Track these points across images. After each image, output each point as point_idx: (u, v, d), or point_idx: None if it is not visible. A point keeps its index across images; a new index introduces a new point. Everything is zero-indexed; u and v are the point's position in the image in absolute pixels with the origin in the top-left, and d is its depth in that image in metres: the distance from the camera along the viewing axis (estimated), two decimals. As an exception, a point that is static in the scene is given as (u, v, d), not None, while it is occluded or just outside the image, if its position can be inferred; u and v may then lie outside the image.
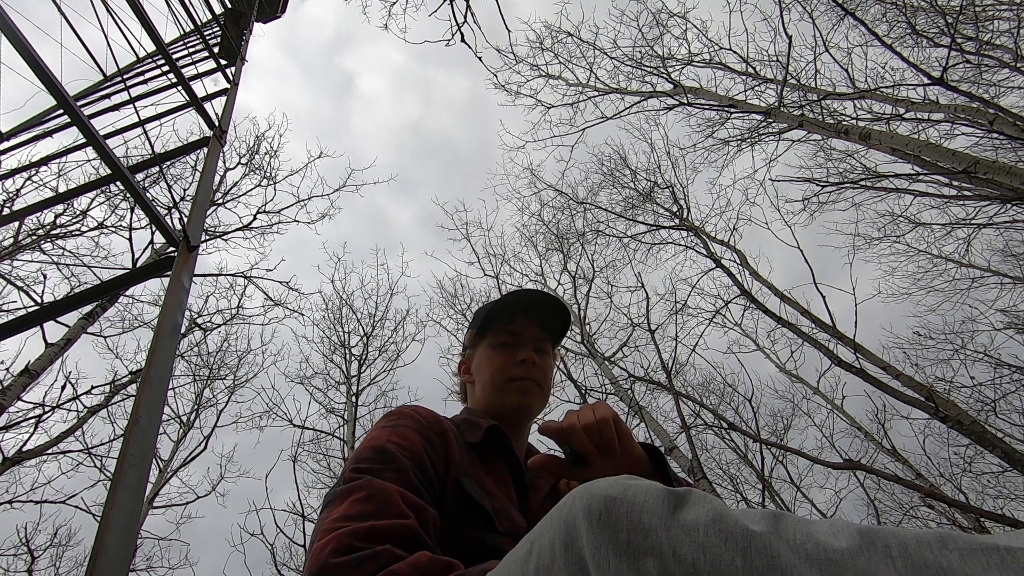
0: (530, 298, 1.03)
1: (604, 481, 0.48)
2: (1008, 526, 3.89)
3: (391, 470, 0.73)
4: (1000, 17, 5.76)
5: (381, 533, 0.63)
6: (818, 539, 0.38)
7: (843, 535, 0.38)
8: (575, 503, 0.47)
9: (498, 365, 1.00)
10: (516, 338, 1.02)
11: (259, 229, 7.56)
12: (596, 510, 0.45)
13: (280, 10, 6.20)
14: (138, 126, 2.43)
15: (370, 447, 0.77)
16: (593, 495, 0.46)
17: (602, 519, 0.44)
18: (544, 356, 1.04)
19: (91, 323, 5.27)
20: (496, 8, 4.53)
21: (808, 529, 0.39)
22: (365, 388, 8.06)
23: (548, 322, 1.05)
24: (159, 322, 1.36)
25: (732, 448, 8.08)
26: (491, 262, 9.16)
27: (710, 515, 0.42)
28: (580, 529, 0.45)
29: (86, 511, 5.64)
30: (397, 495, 0.69)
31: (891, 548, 0.36)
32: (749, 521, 0.41)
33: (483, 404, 1.01)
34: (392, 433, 0.80)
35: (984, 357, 6.45)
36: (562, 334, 1.08)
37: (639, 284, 7.52)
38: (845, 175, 7.29)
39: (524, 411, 0.99)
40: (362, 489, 0.69)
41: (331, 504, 0.69)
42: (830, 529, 0.39)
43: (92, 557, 0.89)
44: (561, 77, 8.45)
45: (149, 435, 1.12)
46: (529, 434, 1.05)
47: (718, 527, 0.40)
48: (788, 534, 0.39)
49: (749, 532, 0.39)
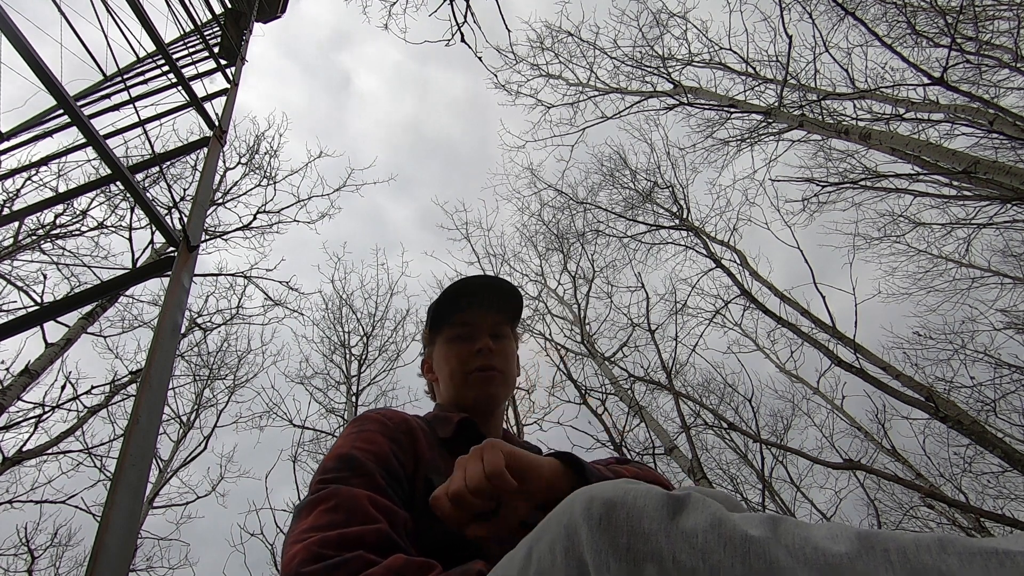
0: (476, 284, 1.01)
1: (605, 485, 0.48)
2: (1008, 526, 3.89)
3: (358, 476, 0.72)
4: (1000, 17, 5.76)
5: (351, 540, 0.62)
6: (817, 544, 0.38)
7: (842, 539, 0.38)
8: (574, 508, 0.47)
9: (456, 359, 0.99)
10: (470, 328, 1.00)
11: (259, 229, 7.57)
12: (596, 514, 0.45)
13: (280, 10, 6.20)
14: (138, 126, 2.43)
15: (335, 456, 0.76)
16: (593, 499, 0.46)
17: (603, 523, 0.44)
18: (502, 340, 1.02)
19: (91, 323, 5.27)
20: (496, 8, 4.53)
21: (807, 533, 0.39)
22: (365, 388, 8.07)
23: (501, 305, 1.03)
24: (159, 322, 1.36)
25: (732, 448, 8.09)
26: (491, 262, 9.17)
27: (709, 520, 0.42)
28: (581, 533, 0.45)
29: (86, 511, 5.64)
30: (365, 500, 0.68)
31: (890, 552, 0.36)
32: (748, 526, 0.41)
33: (449, 399, 1.00)
34: (356, 439, 0.79)
35: (984, 357, 6.46)
36: (518, 314, 1.07)
37: (639, 284, 7.51)
38: (845, 175, 7.29)
39: (490, 401, 0.98)
40: (329, 499, 0.68)
41: (299, 516, 0.69)
42: (829, 533, 0.39)
43: (92, 557, 0.89)
44: (561, 77, 8.46)
45: (149, 435, 1.12)
46: (502, 421, 1.05)
47: (717, 532, 0.41)
48: (787, 539, 0.39)
49: (748, 537, 0.40)
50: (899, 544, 0.36)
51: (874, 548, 0.36)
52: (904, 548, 0.36)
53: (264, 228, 7.61)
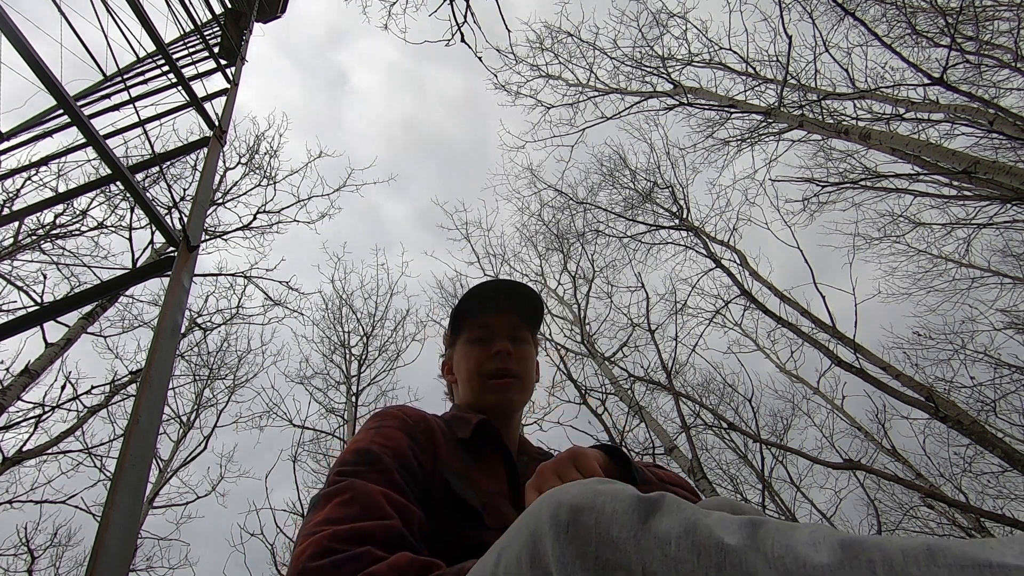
0: (497, 288, 1.02)
1: (572, 487, 0.46)
2: (1008, 526, 3.89)
3: (375, 471, 0.73)
4: (1000, 17, 5.76)
5: (362, 534, 0.62)
6: (797, 553, 0.36)
7: (824, 547, 0.36)
8: (541, 513, 0.45)
9: (474, 360, 0.99)
10: (489, 331, 1.01)
11: (259, 229, 7.57)
12: (564, 521, 0.43)
13: (280, 10, 6.20)
14: (138, 126, 2.43)
15: (354, 449, 0.77)
16: (560, 504, 0.44)
17: (569, 531, 0.42)
18: (521, 344, 1.02)
19: (91, 323, 5.27)
20: (496, 8, 4.53)
21: (788, 540, 0.37)
22: (365, 388, 8.06)
23: (521, 309, 1.03)
24: (159, 322, 1.36)
25: (732, 448, 8.09)
26: (491, 262, 9.17)
27: (683, 526, 0.40)
28: (546, 542, 0.43)
29: (86, 511, 5.64)
30: (380, 496, 0.69)
31: (875, 564, 0.34)
32: (724, 532, 0.39)
33: (467, 402, 1.00)
34: (376, 434, 0.80)
35: (984, 357, 6.46)
36: (538, 319, 1.07)
37: (639, 284, 7.52)
38: (845, 175, 7.29)
39: (507, 407, 0.98)
40: (345, 492, 0.69)
41: (314, 508, 0.69)
42: (811, 539, 0.37)
43: (92, 557, 0.89)
44: (561, 77, 8.46)
45: (149, 435, 1.12)
46: (520, 425, 1.05)
47: (691, 540, 0.38)
48: (766, 546, 0.37)
49: (723, 546, 0.38)
50: (885, 554, 0.34)
51: (858, 558, 0.34)
52: (890, 559, 0.34)
53: (264, 228, 7.62)
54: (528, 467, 0.94)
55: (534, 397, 7.96)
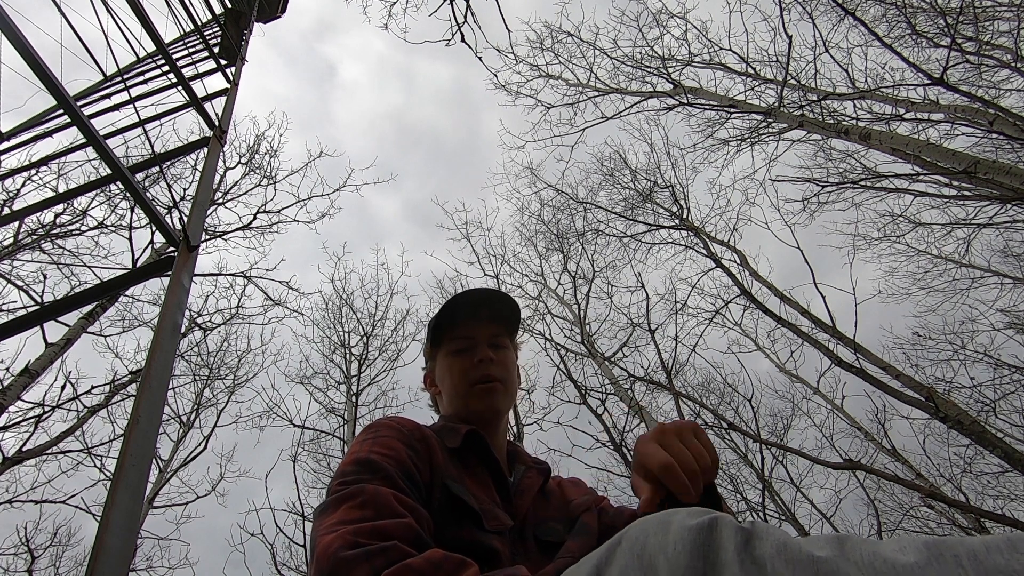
0: (473, 298, 1.03)
1: (677, 513, 0.48)
2: (1008, 526, 3.89)
3: (379, 478, 0.72)
4: (1000, 17, 5.76)
5: (384, 531, 0.62)
6: (886, 556, 0.38)
7: (910, 550, 0.38)
8: (649, 536, 0.46)
9: (458, 371, 1.00)
10: (470, 340, 1.02)
11: (259, 229, 7.57)
12: (677, 545, 0.44)
13: (280, 10, 6.20)
14: (138, 126, 2.43)
15: (352, 460, 0.76)
16: (671, 525, 0.46)
17: (683, 554, 0.43)
18: (501, 351, 1.03)
19: (91, 323, 5.27)
20: (496, 7, 4.53)
21: (874, 548, 0.39)
22: (365, 388, 8.07)
23: (498, 316, 1.04)
24: (159, 322, 1.36)
25: (732, 448, 8.09)
26: (491, 262, 9.18)
27: (775, 547, 0.41)
28: (658, 565, 0.44)
29: (86, 511, 5.65)
30: (391, 497, 0.68)
31: (960, 558, 0.36)
32: (814, 548, 0.40)
33: (453, 412, 1.01)
34: (374, 444, 0.79)
35: (984, 357, 6.46)
36: (515, 325, 1.08)
37: (639, 284, 7.53)
38: (845, 175, 7.29)
39: (493, 412, 0.99)
40: (355, 496, 0.68)
41: (324, 513, 0.68)
42: (897, 546, 0.39)
43: (92, 557, 0.89)
44: (561, 77, 8.46)
45: (149, 435, 1.12)
46: (506, 433, 1.06)
47: (784, 557, 0.40)
48: (855, 555, 0.39)
49: (815, 558, 0.39)
50: (968, 548, 0.36)
51: (943, 555, 0.36)
52: (974, 551, 0.36)
53: (264, 228, 7.62)
54: (524, 475, 0.95)
55: (534, 397, 7.85)
